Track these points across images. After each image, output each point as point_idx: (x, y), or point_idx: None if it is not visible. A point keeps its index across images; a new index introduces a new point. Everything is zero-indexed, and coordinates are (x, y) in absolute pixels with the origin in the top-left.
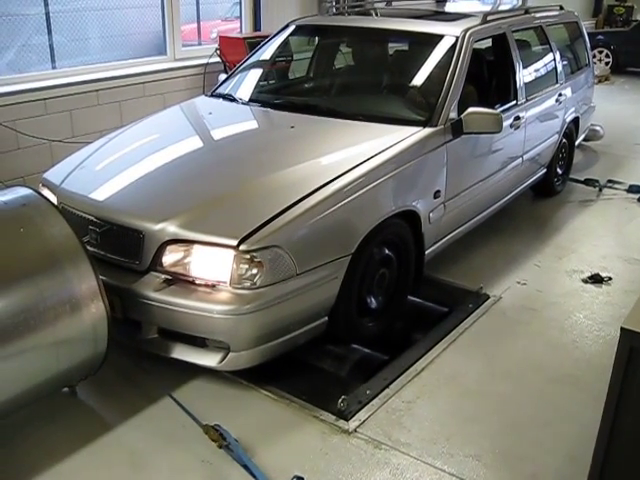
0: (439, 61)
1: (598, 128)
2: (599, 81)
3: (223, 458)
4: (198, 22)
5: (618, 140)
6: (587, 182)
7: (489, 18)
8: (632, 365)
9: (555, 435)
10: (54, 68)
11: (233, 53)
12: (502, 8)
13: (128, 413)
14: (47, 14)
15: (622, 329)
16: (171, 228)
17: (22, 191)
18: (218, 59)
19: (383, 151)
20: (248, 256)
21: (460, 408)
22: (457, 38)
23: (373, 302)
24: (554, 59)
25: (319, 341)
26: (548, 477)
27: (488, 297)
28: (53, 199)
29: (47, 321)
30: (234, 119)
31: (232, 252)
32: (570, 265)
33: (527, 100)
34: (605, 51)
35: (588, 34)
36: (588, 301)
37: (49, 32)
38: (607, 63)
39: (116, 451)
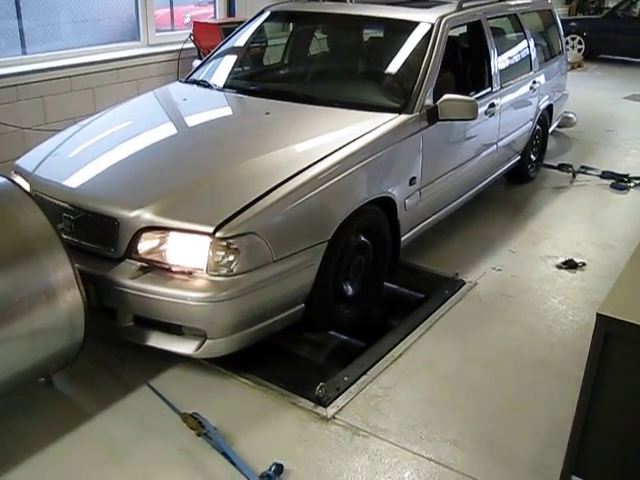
0: (414, 48)
1: (571, 115)
2: (572, 68)
3: (202, 446)
4: (171, 7)
5: (591, 127)
6: (561, 168)
7: (464, 5)
8: (607, 350)
9: (532, 420)
10: (24, 54)
11: (207, 39)
12: None
13: (106, 402)
14: None
15: (598, 315)
16: (146, 215)
17: None
18: (192, 45)
19: (359, 138)
20: (224, 243)
21: (437, 394)
22: (432, 25)
23: (350, 289)
24: (528, 46)
25: (296, 328)
26: (525, 461)
27: (464, 283)
28: (26, 186)
29: (23, 311)
30: (209, 105)
31: (208, 239)
32: (544, 251)
33: (502, 87)
34: (578, 38)
35: (561, 21)
36: (562, 286)
37: (19, 17)
38: (580, 50)
39: (94, 441)
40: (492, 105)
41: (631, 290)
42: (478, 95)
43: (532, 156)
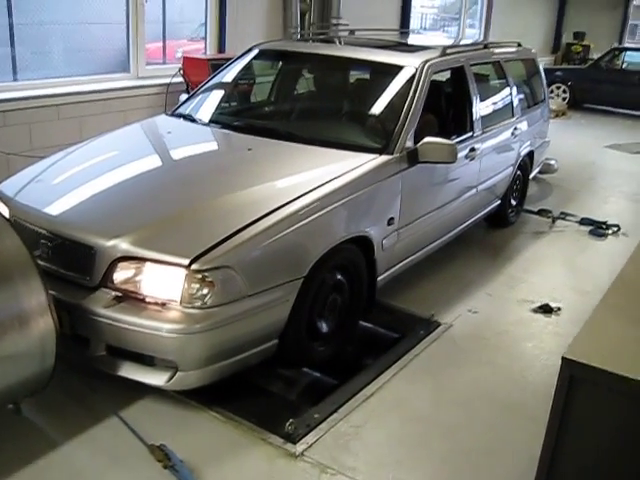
0: (397, 91)
1: (553, 162)
2: (556, 115)
3: (168, 479)
4: (164, 41)
5: (572, 174)
6: (541, 213)
7: (448, 51)
8: (572, 394)
9: (501, 462)
10: (15, 80)
11: (196, 74)
12: (464, 42)
13: (74, 432)
14: (10, 25)
15: (563, 358)
16: (123, 245)
17: None
18: (181, 79)
19: (338, 177)
20: (200, 275)
21: (408, 433)
22: (416, 69)
23: (324, 326)
24: (510, 93)
25: (270, 363)
26: None
27: (439, 324)
28: (6, 211)
29: None
30: (192, 139)
31: (184, 271)
32: (521, 294)
33: (483, 132)
34: (563, 87)
35: (546, 70)
36: (537, 330)
37: (12, 44)
38: (564, 99)
39: (60, 470)
40: (473, 149)
41: (597, 335)
42: (459, 139)
43: (512, 201)
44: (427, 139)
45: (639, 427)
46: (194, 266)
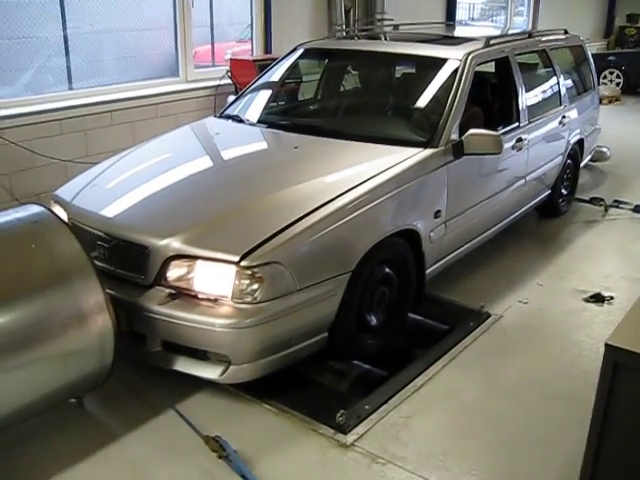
0: (442, 84)
1: (605, 149)
2: (609, 101)
3: (223, 469)
4: (212, 44)
5: (626, 161)
6: (593, 201)
7: (492, 42)
8: (616, 380)
9: (550, 452)
10: (71, 89)
11: (243, 75)
12: (512, 31)
13: (133, 424)
14: (65, 36)
15: (606, 345)
16: (175, 244)
17: (34, 209)
18: (229, 81)
19: (383, 171)
20: (249, 272)
21: (457, 424)
22: (459, 61)
23: (373, 319)
24: (557, 82)
25: (320, 356)
26: None
27: (489, 315)
28: (64, 215)
29: (56, 333)
30: (240, 140)
31: (234, 267)
32: (572, 284)
33: (530, 122)
34: (616, 72)
35: (599, 55)
36: (588, 320)
37: (67, 54)
38: (618, 84)
39: (119, 461)
40: (519, 140)
41: None
42: (505, 130)
43: (563, 190)
44: (472, 131)
45: None
46: (244, 262)
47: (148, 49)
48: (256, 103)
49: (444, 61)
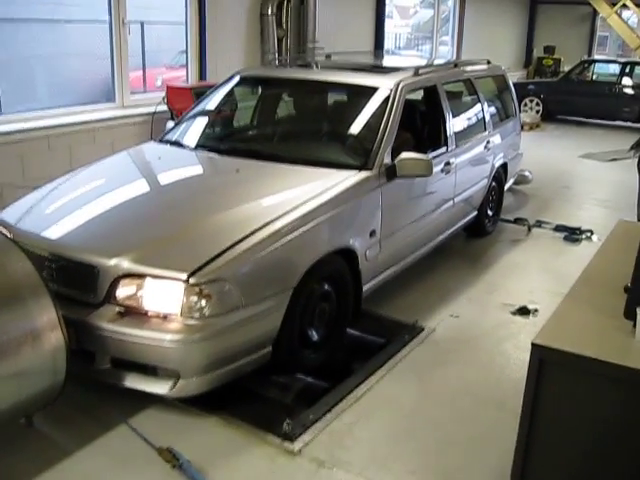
0: (374, 111)
1: (527, 173)
2: (530, 128)
3: (177, 479)
4: (144, 70)
5: (547, 184)
6: (517, 221)
7: (421, 71)
8: (542, 375)
9: (485, 451)
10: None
11: (180, 101)
12: (437, 61)
13: (85, 440)
14: None
15: (533, 344)
16: (124, 263)
17: None
18: (165, 107)
19: (321, 193)
20: (197, 289)
21: (397, 429)
22: (390, 90)
23: (314, 334)
24: (482, 109)
25: (264, 371)
26: None
27: (423, 329)
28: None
29: (10, 352)
30: (183, 163)
31: (182, 285)
32: (500, 299)
33: (457, 146)
34: (535, 100)
35: (519, 84)
36: (515, 331)
37: None
38: (538, 111)
39: (74, 475)
40: (447, 163)
41: (563, 323)
42: (434, 154)
43: (489, 211)
44: (404, 154)
45: (605, 404)
46: (192, 280)
47: (81, 74)
48: (195, 128)
49: (376, 89)
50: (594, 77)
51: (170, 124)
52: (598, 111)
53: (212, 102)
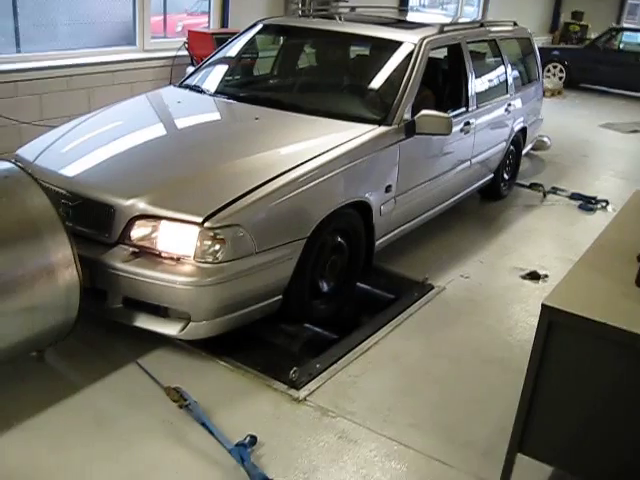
0: (397, 66)
1: (546, 139)
2: (552, 94)
3: (183, 418)
4: (164, 15)
5: (565, 151)
6: (532, 187)
7: (446, 29)
8: (550, 337)
9: (487, 409)
10: (18, 52)
11: (201, 47)
12: (462, 20)
13: (94, 378)
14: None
15: (543, 305)
16: (141, 204)
17: (4, 165)
18: (186, 52)
19: (339, 145)
20: (212, 233)
21: (401, 383)
22: (414, 45)
23: (325, 286)
24: (505, 71)
25: (273, 320)
26: (479, 444)
27: (433, 287)
28: None
29: (25, 285)
30: (202, 109)
31: (197, 228)
32: (511, 262)
33: (477, 107)
34: (559, 66)
35: (543, 49)
36: (525, 295)
37: (15, 16)
38: (560, 78)
39: (82, 411)
40: (467, 123)
41: (574, 287)
42: (454, 113)
43: (505, 175)
44: (424, 111)
45: (610, 369)
46: (207, 224)
47: (102, 16)
48: (216, 75)
49: (400, 44)
50: (621, 46)
51: (190, 69)
52: (623, 81)
53: (233, 49)
